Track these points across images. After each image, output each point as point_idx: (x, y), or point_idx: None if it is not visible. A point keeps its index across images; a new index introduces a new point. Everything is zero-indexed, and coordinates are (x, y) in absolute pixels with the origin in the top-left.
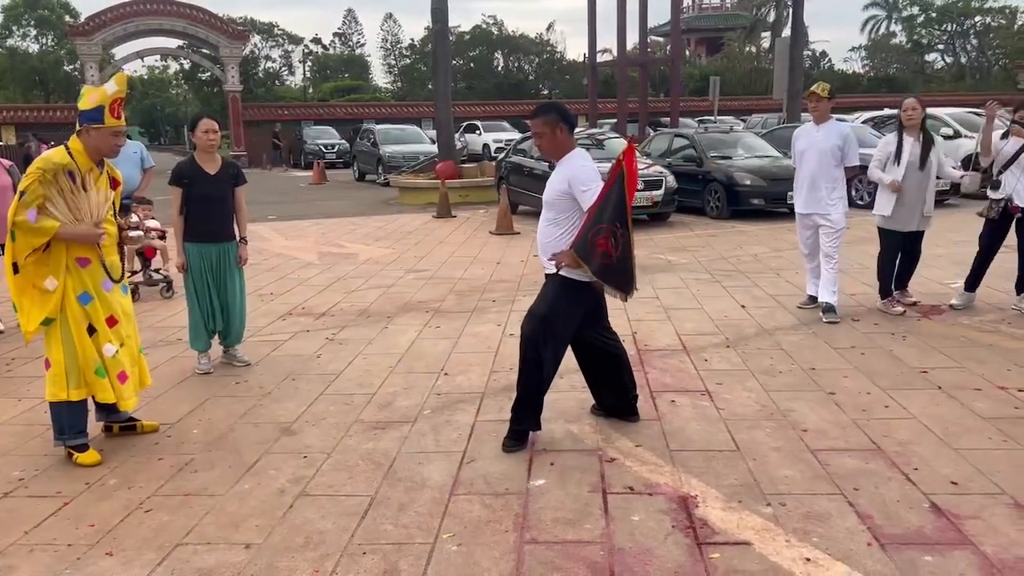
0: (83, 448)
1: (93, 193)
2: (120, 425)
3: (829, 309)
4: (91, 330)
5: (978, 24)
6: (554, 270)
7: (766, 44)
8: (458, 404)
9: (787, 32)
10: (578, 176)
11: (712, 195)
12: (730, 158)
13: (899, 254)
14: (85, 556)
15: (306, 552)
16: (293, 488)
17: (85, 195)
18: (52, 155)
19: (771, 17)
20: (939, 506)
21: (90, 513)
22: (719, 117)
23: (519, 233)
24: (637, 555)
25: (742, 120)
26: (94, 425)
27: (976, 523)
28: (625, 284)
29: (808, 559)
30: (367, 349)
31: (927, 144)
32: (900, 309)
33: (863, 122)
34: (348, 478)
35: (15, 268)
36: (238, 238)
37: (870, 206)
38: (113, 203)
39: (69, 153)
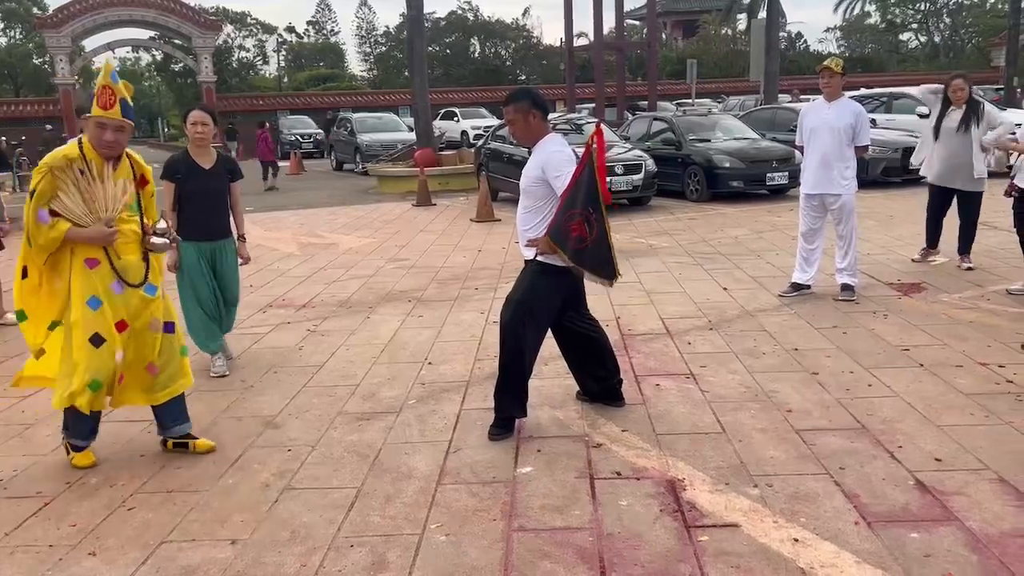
0: (80, 448)
1: (110, 185)
2: (174, 441)
3: (847, 289)
4: (99, 340)
5: (951, 3)
6: (532, 256)
7: (742, 26)
8: (443, 393)
9: (763, 14)
10: (551, 162)
11: (692, 178)
12: (709, 141)
13: (941, 211)
14: (67, 556)
15: (293, 546)
16: (278, 482)
17: (101, 186)
18: (61, 149)
19: None
20: (924, 483)
21: (72, 512)
22: (697, 100)
23: (500, 220)
24: (626, 540)
25: (718, 102)
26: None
27: (961, 499)
28: (604, 269)
29: (796, 539)
30: (349, 340)
31: (970, 111)
32: (932, 259)
33: None
34: (333, 470)
35: (24, 273)
36: (236, 235)
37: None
38: (140, 202)
39: (80, 145)
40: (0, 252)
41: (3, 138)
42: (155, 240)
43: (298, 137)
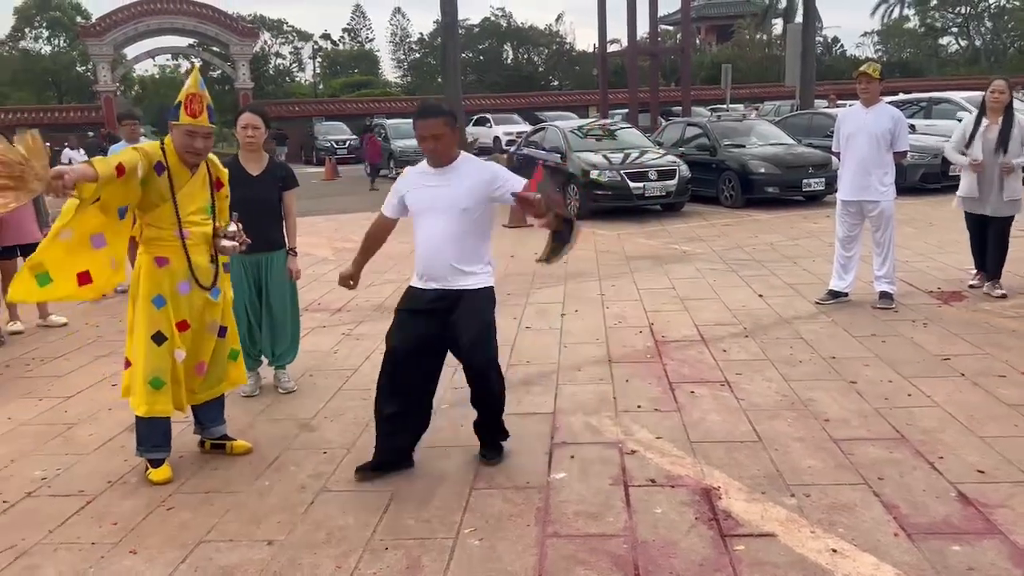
0: (157, 463)
1: (188, 188)
2: (212, 442)
3: (886, 296)
4: (160, 338)
5: (992, 6)
6: (480, 284)
7: (777, 31)
8: None
9: (800, 18)
10: (498, 171)
11: (726, 184)
12: (743, 146)
13: (982, 238)
14: (109, 554)
15: (328, 548)
16: (314, 484)
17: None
18: (146, 145)
19: (782, 3)
20: (966, 495)
21: (113, 511)
22: (732, 105)
23: (532, 226)
24: (661, 548)
25: (755, 108)
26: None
27: (1005, 512)
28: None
29: (834, 550)
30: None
31: (1007, 127)
32: (990, 292)
33: None
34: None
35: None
36: (287, 248)
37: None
38: (214, 205)
39: (162, 146)
40: None
41: (47, 144)
42: (224, 243)
43: (333, 143)
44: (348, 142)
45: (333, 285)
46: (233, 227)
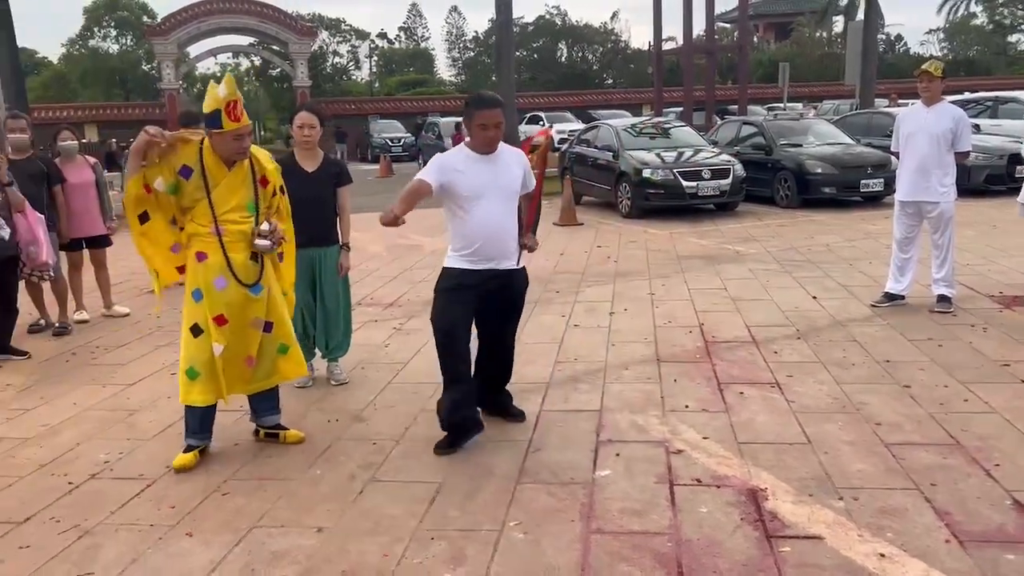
0: (188, 449)
1: (224, 186)
2: (265, 431)
3: (944, 300)
4: (197, 330)
5: None
6: (521, 265)
7: (838, 28)
8: (523, 394)
9: (861, 16)
10: (527, 162)
11: (782, 184)
12: (800, 146)
13: None
14: (166, 536)
15: (376, 536)
16: (363, 474)
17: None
18: (184, 140)
19: (843, 0)
20: (1023, 503)
21: (171, 495)
22: (790, 104)
23: (583, 224)
24: (705, 547)
25: (813, 107)
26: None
27: None
28: None
29: (883, 555)
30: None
31: None
32: None
33: None
34: (416, 465)
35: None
36: (340, 243)
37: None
38: (258, 202)
39: (201, 149)
40: (109, 248)
41: (113, 140)
42: (258, 242)
43: (388, 141)
44: (403, 140)
45: (386, 280)
46: (266, 226)
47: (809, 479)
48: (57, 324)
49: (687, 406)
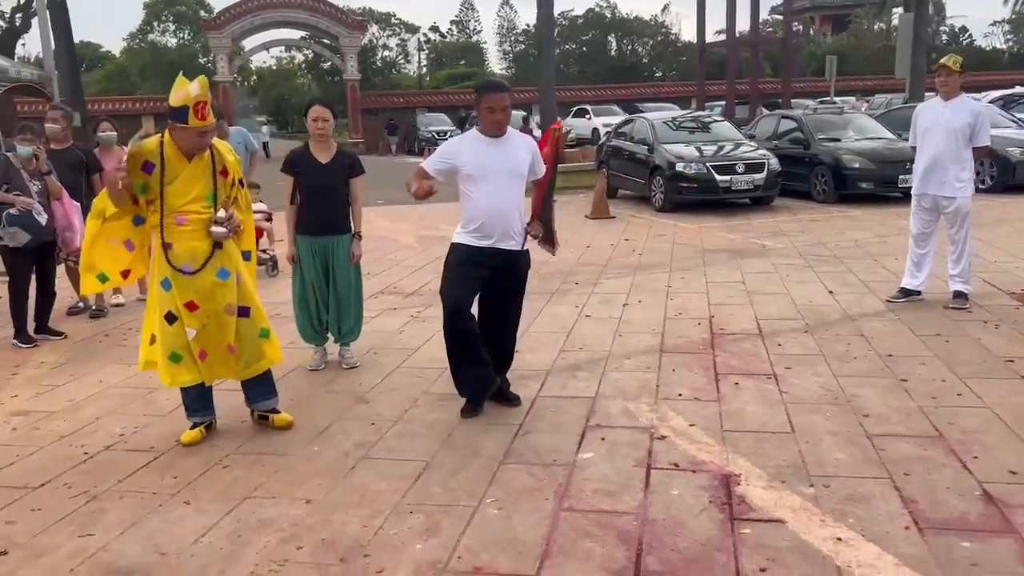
0: (194, 426)
1: (183, 179)
2: (259, 413)
3: (960, 296)
4: (171, 318)
5: None
6: (525, 247)
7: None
8: (522, 380)
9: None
10: (536, 148)
11: (819, 179)
12: (839, 140)
13: None
14: (166, 503)
15: (359, 509)
16: (357, 451)
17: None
18: (143, 143)
19: None
20: (991, 494)
21: (175, 466)
22: (843, 98)
23: (614, 217)
24: (668, 527)
25: (866, 100)
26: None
27: None
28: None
29: (839, 539)
30: None
31: None
32: None
33: (991, 101)
34: (409, 444)
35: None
36: (352, 232)
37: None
38: (216, 192)
39: (162, 143)
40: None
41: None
42: (214, 229)
43: (435, 134)
44: (448, 133)
45: (412, 270)
46: (222, 213)
47: (785, 466)
48: (94, 307)
49: (680, 395)
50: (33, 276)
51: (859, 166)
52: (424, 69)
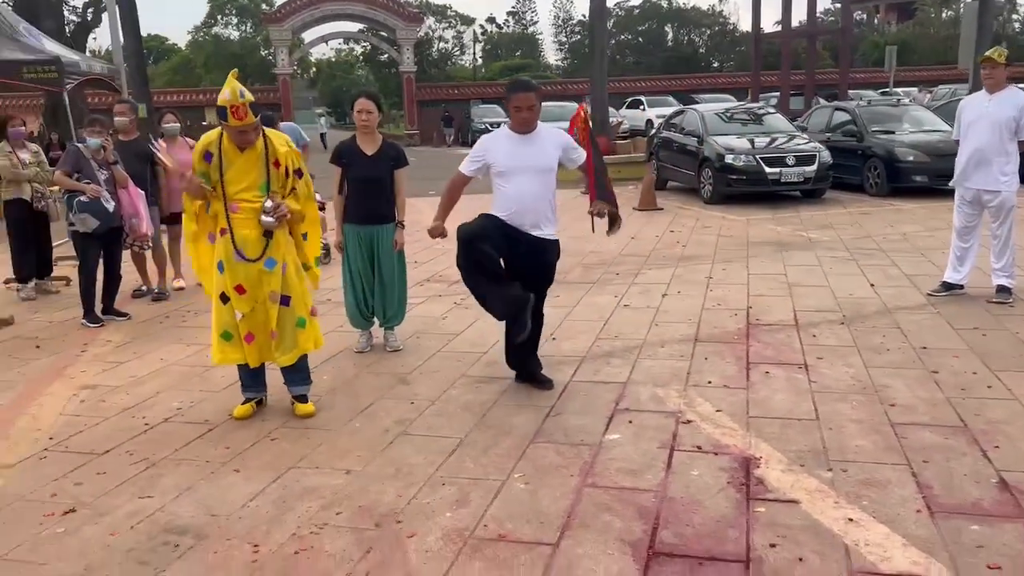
0: (245, 401)
1: (236, 169)
2: (292, 397)
3: (1003, 290)
4: (224, 298)
5: None
6: (554, 236)
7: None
8: (558, 365)
9: None
10: (567, 142)
11: (871, 171)
12: (893, 133)
13: None
14: (218, 471)
15: (395, 480)
16: (396, 428)
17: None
18: (206, 134)
19: None
20: (1008, 482)
21: (228, 438)
22: (904, 89)
23: (662, 209)
24: (686, 504)
25: (929, 91)
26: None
27: None
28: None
29: (851, 519)
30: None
31: None
32: None
33: None
34: (446, 422)
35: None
36: (396, 221)
37: None
38: (269, 182)
39: (221, 134)
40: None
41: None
42: (263, 219)
43: (488, 125)
44: (501, 124)
45: None
46: (269, 203)
47: (806, 451)
48: (156, 290)
49: (709, 382)
50: (101, 260)
51: (913, 159)
52: (480, 60)
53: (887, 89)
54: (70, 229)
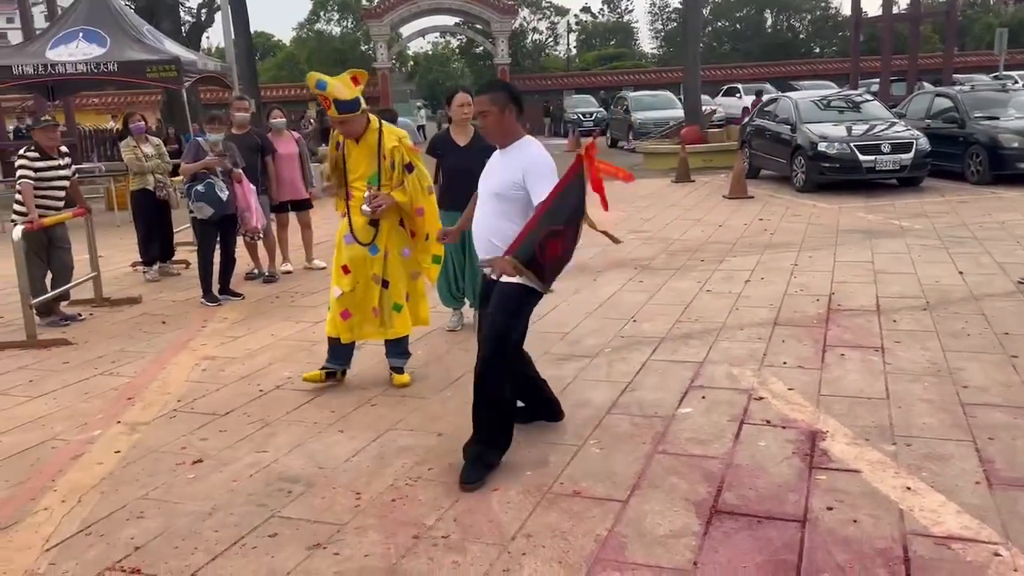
0: (321, 368)
1: (352, 159)
2: (391, 368)
3: None
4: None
5: None
6: (501, 276)
7: None
8: (637, 345)
9: None
10: (535, 168)
11: (973, 159)
12: (997, 119)
13: None
14: (324, 431)
15: None
16: None
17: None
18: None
19: None
20: None
21: (332, 403)
22: (1019, 72)
23: (752, 197)
24: (750, 470)
25: None
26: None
27: None
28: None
29: (909, 488)
30: (572, 297)
31: None
32: None
33: None
34: None
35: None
36: None
37: None
38: (380, 174)
39: None
40: (311, 211)
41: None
42: (362, 207)
43: (580, 116)
44: (594, 114)
45: None
46: (367, 194)
47: (872, 427)
48: (267, 273)
49: (784, 363)
50: (217, 245)
51: (1018, 145)
52: (573, 50)
53: (998, 73)
54: (191, 216)
